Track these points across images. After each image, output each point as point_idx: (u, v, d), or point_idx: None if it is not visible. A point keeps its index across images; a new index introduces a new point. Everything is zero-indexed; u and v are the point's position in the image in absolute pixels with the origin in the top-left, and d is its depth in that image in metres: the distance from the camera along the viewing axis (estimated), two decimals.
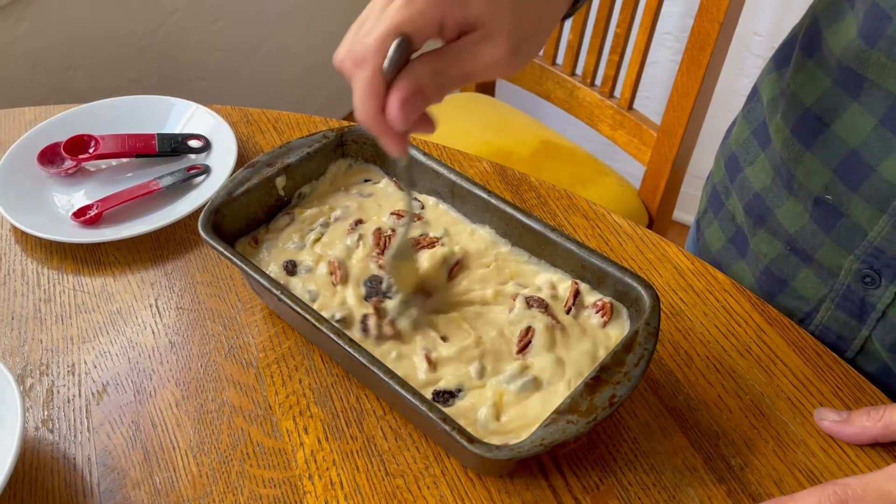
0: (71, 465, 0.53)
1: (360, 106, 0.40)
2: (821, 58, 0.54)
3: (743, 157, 0.64)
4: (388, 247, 0.58)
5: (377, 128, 0.41)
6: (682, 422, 0.53)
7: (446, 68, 0.40)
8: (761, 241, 0.62)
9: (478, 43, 0.40)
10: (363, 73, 0.40)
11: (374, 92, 0.40)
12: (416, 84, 0.40)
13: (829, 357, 0.57)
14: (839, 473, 0.50)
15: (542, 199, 0.70)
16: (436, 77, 0.40)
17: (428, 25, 0.39)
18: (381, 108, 0.40)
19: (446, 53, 0.40)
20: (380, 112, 0.40)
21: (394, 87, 0.40)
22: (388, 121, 0.40)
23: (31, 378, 0.58)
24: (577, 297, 0.55)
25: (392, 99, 0.40)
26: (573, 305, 0.54)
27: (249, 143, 0.78)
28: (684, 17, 1.47)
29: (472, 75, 0.41)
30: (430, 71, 0.40)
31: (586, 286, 0.55)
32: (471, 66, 0.40)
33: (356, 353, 0.49)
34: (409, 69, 0.40)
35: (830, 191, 0.54)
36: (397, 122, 0.40)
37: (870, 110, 0.50)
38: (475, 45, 0.40)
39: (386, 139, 0.42)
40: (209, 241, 0.56)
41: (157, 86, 1.51)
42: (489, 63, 0.40)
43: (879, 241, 0.52)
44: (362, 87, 0.40)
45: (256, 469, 0.52)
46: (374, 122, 0.41)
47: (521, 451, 0.44)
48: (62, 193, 0.74)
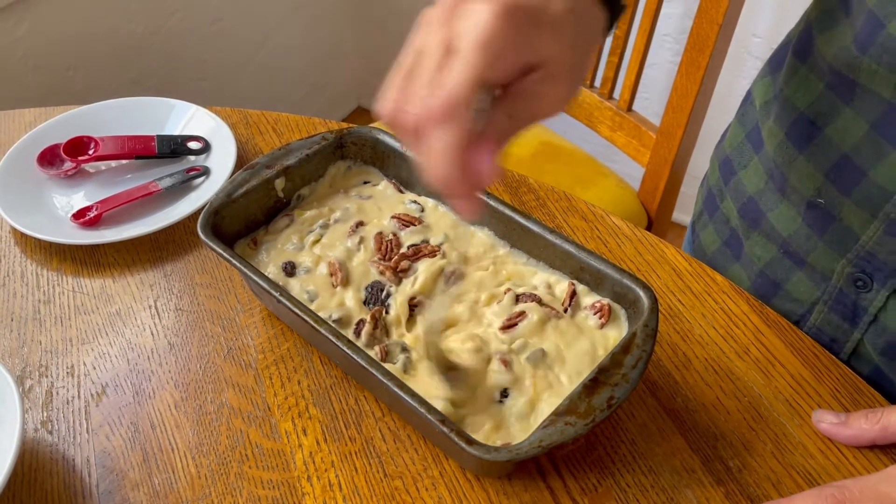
0: (70, 466, 0.53)
1: (442, 165, 0.36)
2: (814, 63, 0.54)
3: (737, 160, 0.64)
4: (390, 251, 0.58)
5: (460, 189, 0.37)
6: (681, 423, 0.53)
7: (517, 112, 0.38)
8: (755, 245, 0.62)
9: (542, 83, 0.37)
10: (450, 132, 0.35)
11: (461, 152, 0.35)
12: (499, 133, 0.37)
13: (826, 359, 0.57)
14: (837, 475, 0.50)
15: (541, 200, 0.71)
16: (510, 121, 0.37)
17: (506, 69, 0.36)
18: (468, 165, 0.36)
19: (517, 96, 0.37)
20: (463, 168, 0.36)
21: (484, 140, 0.36)
22: (480, 178, 0.36)
23: (31, 379, 0.58)
24: (573, 297, 0.55)
25: (486, 154, 0.36)
26: (570, 305, 0.54)
27: (249, 145, 0.78)
28: (683, 19, 1.47)
29: (538, 116, 0.38)
30: (507, 117, 0.37)
31: (584, 287, 0.55)
32: (538, 106, 0.38)
33: (355, 355, 0.49)
34: (491, 120, 0.36)
35: (823, 195, 0.54)
36: (490, 177, 0.36)
37: (862, 115, 0.50)
38: (540, 85, 0.37)
39: (468, 199, 0.38)
40: (208, 243, 0.56)
41: (156, 87, 1.51)
42: (554, 101, 0.38)
43: (871, 245, 0.52)
44: (449, 145, 0.35)
45: (255, 470, 0.52)
46: (459, 181, 0.36)
47: (520, 453, 0.44)
48: (62, 195, 0.74)
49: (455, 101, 0.35)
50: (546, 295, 0.55)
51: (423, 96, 0.36)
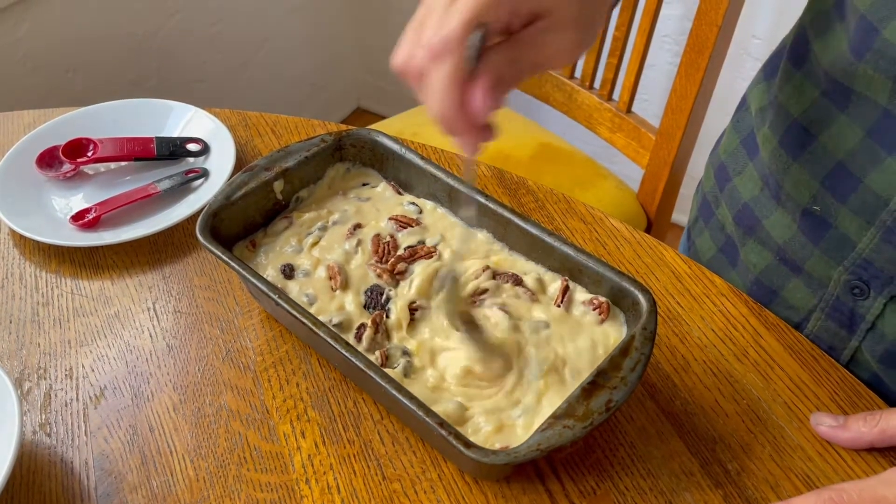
0: (68, 469, 0.53)
1: (440, 99, 0.39)
2: (809, 70, 0.54)
3: (732, 166, 0.64)
4: (387, 253, 0.58)
5: (457, 122, 0.40)
6: (679, 426, 0.53)
7: (520, 57, 0.40)
8: (751, 252, 0.62)
9: (547, 31, 0.40)
10: (445, 65, 0.38)
11: (458, 83, 0.39)
12: (496, 73, 0.39)
13: (825, 362, 0.57)
14: (835, 478, 0.50)
15: (540, 202, 0.71)
16: (512, 66, 0.40)
17: (503, 14, 0.39)
18: (462, 101, 0.39)
19: (519, 42, 0.40)
20: (460, 105, 0.39)
21: (477, 76, 0.39)
22: (472, 112, 0.39)
23: (29, 382, 0.58)
24: (566, 292, 0.55)
25: (478, 89, 0.39)
26: (562, 301, 0.54)
27: (248, 147, 0.78)
28: (683, 21, 1.47)
29: (543, 64, 0.41)
30: (506, 60, 0.39)
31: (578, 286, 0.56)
32: (542, 54, 0.40)
33: (353, 358, 0.49)
34: (487, 60, 0.39)
35: (818, 202, 0.54)
36: (482, 113, 0.39)
37: (857, 122, 0.50)
38: (545, 33, 0.40)
39: (465, 134, 0.41)
40: (207, 246, 0.56)
41: (156, 88, 1.51)
42: (559, 50, 0.40)
43: (868, 252, 0.52)
44: (444, 78, 0.38)
45: (253, 473, 0.52)
46: (455, 116, 0.39)
47: (518, 456, 0.44)
48: (60, 197, 0.74)
49: (450, 38, 0.38)
50: (534, 284, 0.55)
51: (428, 39, 0.39)
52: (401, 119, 1.29)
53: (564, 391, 0.50)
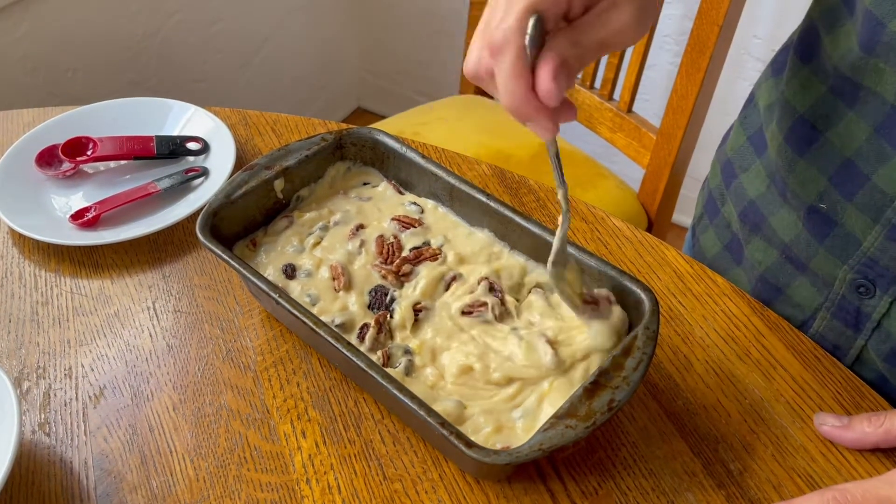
0: (68, 468, 0.53)
1: (507, 89, 0.40)
2: (818, 64, 0.54)
3: (738, 163, 0.63)
4: (392, 255, 0.58)
5: (529, 108, 0.41)
6: (681, 426, 0.53)
7: (582, 38, 0.41)
8: (756, 249, 0.61)
9: (607, 11, 0.41)
10: (506, 57, 0.40)
11: (521, 71, 0.40)
12: (560, 56, 0.40)
13: (828, 361, 0.57)
14: (839, 479, 0.50)
15: (542, 202, 0.70)
16: (575, 48, 0.41)
17: (559, 1, 0.40)
18: (530, 88, 0.40)
19: (580, 25, 0.41)
20: (530, 92, 0.40)
21: (541, 62, 0.40)
22: (542, 97, 0.40)
23: (28, 381, 0.58)
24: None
25: (542, 73, 0.40)
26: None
27: (248, 146, 0.78)
28: (683, 20, 1.47)
29: (606, 43, 0.42)
30: (568, 42, 0.41)
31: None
32: (603, 33, 0.41)
33: (354, 357, 0.48)
34: (550, 44, 0.40)
35: (825, 199, 0.53)
36: (551, 96, 0.40)
37: (865, 118, 0.50)
38: (604, 13, 0.41)
39: (539, 120, 0.42)
40: (207, 245, 0.55)
41: (156, 88, 1.50)
42: (619, 28, 0.41)
43: (873, 250, 0.52)
44: (507, 69, 0.40)
45: (254, 473, 0.52)
46: (526, 103, 0.40)
47: (520, 456, 0.44)
48: (60, 196, 0.74)
49: (507, 31, 0.40)
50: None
51: (489, 38, 0.41)
52: (401, 118, 1.28)
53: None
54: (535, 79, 0.40)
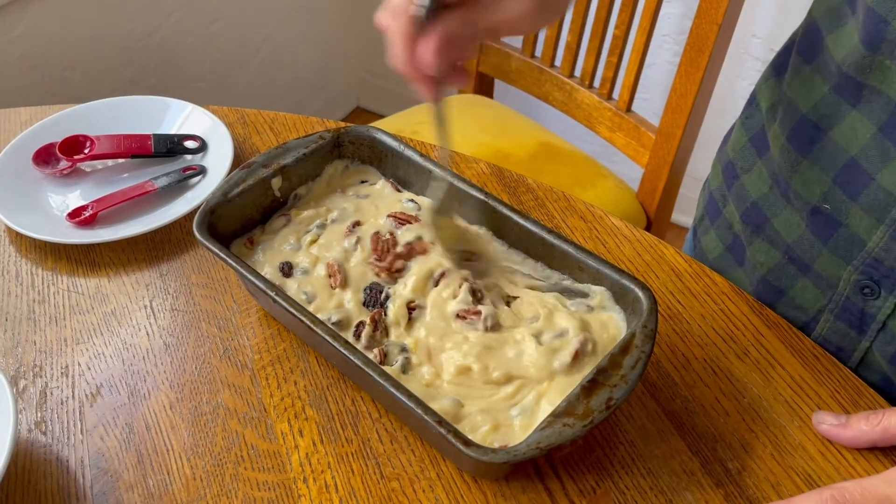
0: (64, 467, 0.52)
1: (393, 51, 0.44)
2: (821, 63, 0.53)
3: (740, 164, 0.63)
4: (386, 251, 0.58)
5: (409, 72, 0.44)
6: (680, 425, 0.53)
7: (475, 19, 0.43)
8: (758, 250, 0.61)
9: None
10: (396, 22, 0.43)
11: (407, 38, 0.43)
12: (446, 31, 0.43)
13: (827, 361, 0.56)
14: (837, 477, 0.50)
15: (540, 200, 0.70)
16: (465, 27, 0.43)
17: None
18: (414, 54, 0.44)
19: (476, 4, 0.43)
20: (412, 58, 0.44)
21: (427, 34, 0.43)
22: (420, 65, 0.43)
23: (25, 380, 0.58)
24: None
25: (423, 46, 0.43)
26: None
27: (246, 144, 0.77)
28: (683, 19, 1.47)
29: (499, 27, 0.44)
30: (460, 21, 0.43)
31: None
32: (497, 17, 0.43)
33: (352, 356, 0.48)
34: (441, 18, 0.43)
35: (829, 200, 0.53)
36: (428, 67, 0.43)
37: (869, 118, 0.50)
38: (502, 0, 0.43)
39: (419, 84, 0.46)
40: (204, 243, 0.55)
41: (155, 87, 1.50)
42: (515, 16, 0.43)
43: (878, 251, 0.51)
44: (396, 34, 0.43)
45: (251, 472, 0.52)
46: (407, 67, 0.44)
47: (517, 455, 0.44)
48: (57, 194, 0.73)
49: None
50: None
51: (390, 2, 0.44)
52: (400, 117, 1.28)
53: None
54: (418, 45, 0.43)
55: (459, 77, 0.47)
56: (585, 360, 0.51)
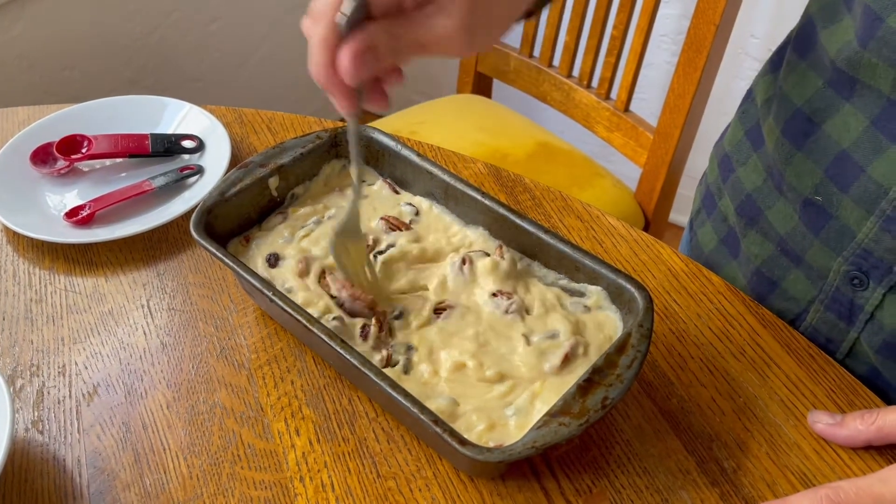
0: (61, 466, 0.53)
1: (312, 56, 0.42)
2: (815, 58, 0.54)
3: (735, 157, 0.64)
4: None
5: (327, 80, 0.43)
6: (676, 424, 0.53)
7: (400, 33, 0.42)
8: (752, 243, 0.62)
9: (433, 14, 0.41)
10: (317, 27, 0.41)
11: (327, 44, 0.41)
12: (368, 41, 0.41)
13: (822, 359, 0.56)
14: (832, 476, 0.50)
15: (537, 200, 0.70)
16: (389, 39, 0.42)
17: None
18: (333, 61, 0.42)
19: (401, 19, 0.42)
20: (330, 64, 0.42)
21: (347, 41, 0.41)
22: (339, 73, 0.42)
23: (22, 379, 0.58)
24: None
25: (343, 51, 0.41)
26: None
27: (243, 144, 0.78)
28: (681, 20, 1.47)
29: (425, 46, 0.42)
30: (384, 32, 0.41)
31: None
32: (423, 35, 0.42)
33: (348, 355, 0.48)
34: (364, 28, 0.41)
35: (821, 192, 0.54)
36: (346, 75, 0.41)
37: (862, 111, 0.50)
38: (430, 16, 0.41)
39: (335, 93, 0.43)
40: (201, 242, 0.55)
41: (153, 87, 1.50)
42: (441, 35, 0.42)
43: (867, 242, 0.52)
44: (315, 39, 0.42)
45: (247, 471, 0.52)
46: (325, 74, 0.42)
47: (513, 454, 0.44)
48: (54, 193, 0.73)
49: (325, 4, 0.41)
50: None
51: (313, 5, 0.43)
52: (398, 117, 1.28)
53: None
54: (338, 54, 0.41)
55: (380, 99, 0.45)
56: (577, 362, 0.51)
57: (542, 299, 0.55)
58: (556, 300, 0.55)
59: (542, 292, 0.55)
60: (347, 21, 0.41)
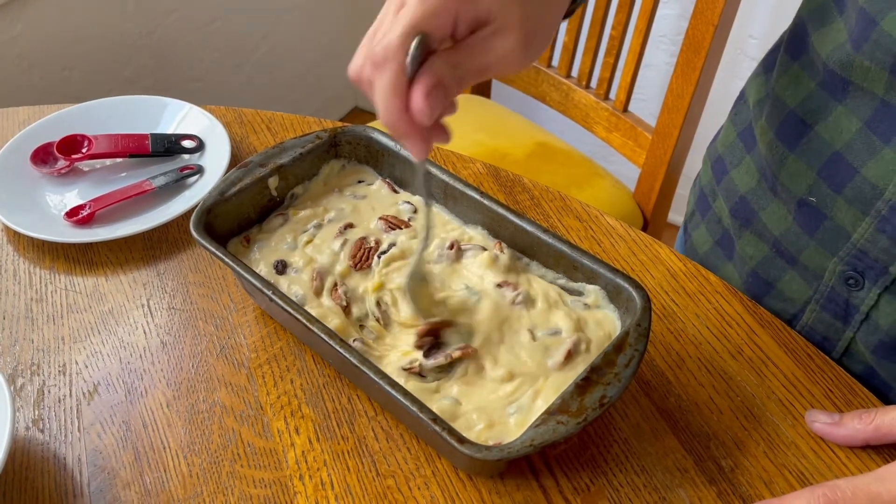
0: (61, 465, 0.53)
1: (384, 104, 0.41)
2: (807, 60, 0.54)
3: (729, 159, 0.64)
4: (365, 261, 0.58)
5: (403, 125, 0.41)
6: (673, 423, 0.53)
7: (463, 62, 0.41)
8: (747, 244, 0.62)
9: (491, 37, 0.41)
10: (386, 73, 0.40)
11: (399, 89, 0.40)
12: (436, 77, 0.40)
13: (820, 359, 0.57)
14: (829, 475, 0.50)
15: (536, 200, 0.71)
16: (454, 70, 0.41)
17: (444, 22, 0.40)
18: (406, 106, 0.41)
19: (462, 48, 0.42)
20: (405, 110, 0.41)
21: (416, 81, 0.40)
22: (414, 115, 0.41)
23: (22, 378, 0.58)
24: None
25: (416, 92, 0.40)
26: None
27: (243, 144, 0.78)
28: (679, 20, 1.47)
29: (487, 68, 0.42)
30: (448, 65, 0.41)
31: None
32: (486, 58, 0.41)
33: (347, 354, 0.49)
34: (429, 65, 0.40)
35: (815, 193, 0.54)
36: (423, 116, 0.40)
37: (855, 113, 0.50)
38: (488, 39, 0.41)
39: (411, 138, 0.42)
40: (201, 241, 0.56)
41: (153, 87, 1.50)
42: (502, 55, 0.41)
43: (862, 242, 0.52)
44: (386, 85, 0.40)
45: (247, 469, 0.52)
46: (400, 120, 0.41)
47: (511, 452, 0.44)
48: (55, 193, 0.74)
49: (389, 47, 0.40)
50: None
51: (371, 48, 0.41)
52: None
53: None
54: (409, 97, 0.40)
55: (443, 133, 0.44)
56: (578, 359, 0.51)
57: (544, 294, 0.55)
58: (557, 297, 0.55)
59: (544, 288, 0.56)
60: (412, 61, 0.40)
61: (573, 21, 1.15)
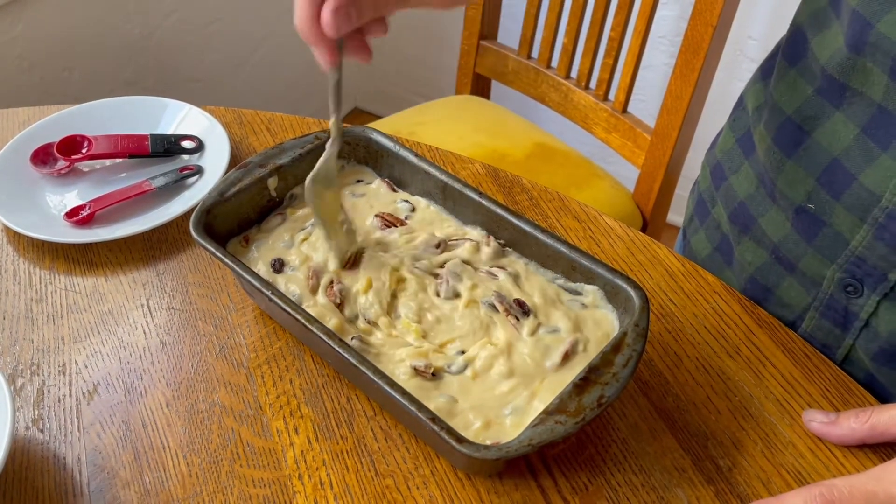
0: (61, 464, 0.53)
1: (299, 10, 0.45)
2: (805, 66, 0.54)
3: (728, 165, 0.64)
4: (354, 261, 0.58)
5: (310, 33, 0.46)
6: (671, 423, 0.53)
7: None
8: (746, 250, 0.62)
9: None
10: None
11: (312, 6, 0.44)
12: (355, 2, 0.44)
13: (817, 359, 0.57)
14: (827, 474, 0.50)
15: (535, 200, 0.71)
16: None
17: None
18: (316, 15, 0.45)
19: None
20: (315, 19, 0.45)
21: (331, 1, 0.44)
22: (322, 25, 0.44)
23: (22, 378, 0.58)
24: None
25: (326, 6, 0.44)
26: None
27: (243, 144, 0.78)
28: (678, 21, 1.48)
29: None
30: None
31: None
32: None
33: (347, 354, 0.49)
34: None
35: (813, 199, 0.54)
36: (329, 28, 0.44)
37: (852, 119, 0.50)
38: None
39: (318, 47, 0.47)
40: (200, 242, 0.56)
41: (152, 87, 1.51)
42: None
43: (861, 250, 0.52)
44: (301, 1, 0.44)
45: (246, 469, 0.52)
46: (308, 28, 0.45)
47: (510, 451, 0.44)
48: (55, 193, 0.74)
49: None
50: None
51: None
52: (398, 118, 1.29)
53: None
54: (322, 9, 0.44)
55: (361, 51, 0.48)
56: (576, 359, 0.51)
57: (541, 290, 0.55)
58: (555, 295, 0.55)
59: (541, 284, 0.56)
60: None
61: (572, 22, 1.15)
